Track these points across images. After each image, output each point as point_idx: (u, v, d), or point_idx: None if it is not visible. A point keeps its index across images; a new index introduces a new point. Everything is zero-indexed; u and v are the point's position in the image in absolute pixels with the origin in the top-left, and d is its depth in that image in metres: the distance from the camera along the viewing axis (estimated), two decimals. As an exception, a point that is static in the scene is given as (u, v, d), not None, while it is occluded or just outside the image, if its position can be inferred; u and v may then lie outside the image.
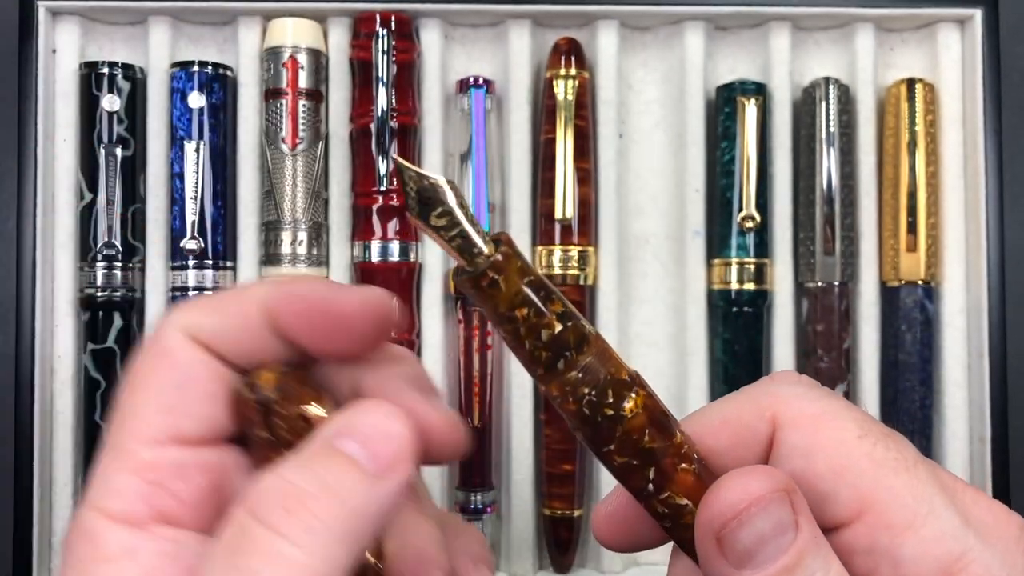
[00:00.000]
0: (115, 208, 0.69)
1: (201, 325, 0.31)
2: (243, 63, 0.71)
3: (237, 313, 0.31)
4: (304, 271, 0.70)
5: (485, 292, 0.29)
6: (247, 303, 0.31)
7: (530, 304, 0.29)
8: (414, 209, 0.29)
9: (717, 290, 0.72)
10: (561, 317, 0.29)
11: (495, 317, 0.29)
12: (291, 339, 0.31)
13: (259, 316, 0.31)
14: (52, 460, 0.69)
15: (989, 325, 0.69)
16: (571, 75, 0.71)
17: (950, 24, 0.73)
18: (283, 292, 0.31)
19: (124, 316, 0.69)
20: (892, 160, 0.72)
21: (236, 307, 0.31)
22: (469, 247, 0.29)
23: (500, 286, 0.29)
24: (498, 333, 0.30)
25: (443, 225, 0.28)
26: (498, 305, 0.29)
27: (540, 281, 0.29)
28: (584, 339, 0.30)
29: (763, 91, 0.72)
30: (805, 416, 0.31)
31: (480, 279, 0.28)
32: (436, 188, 0.29)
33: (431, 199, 0.28)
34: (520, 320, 0.29)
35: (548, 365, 0.29)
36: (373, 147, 0.69)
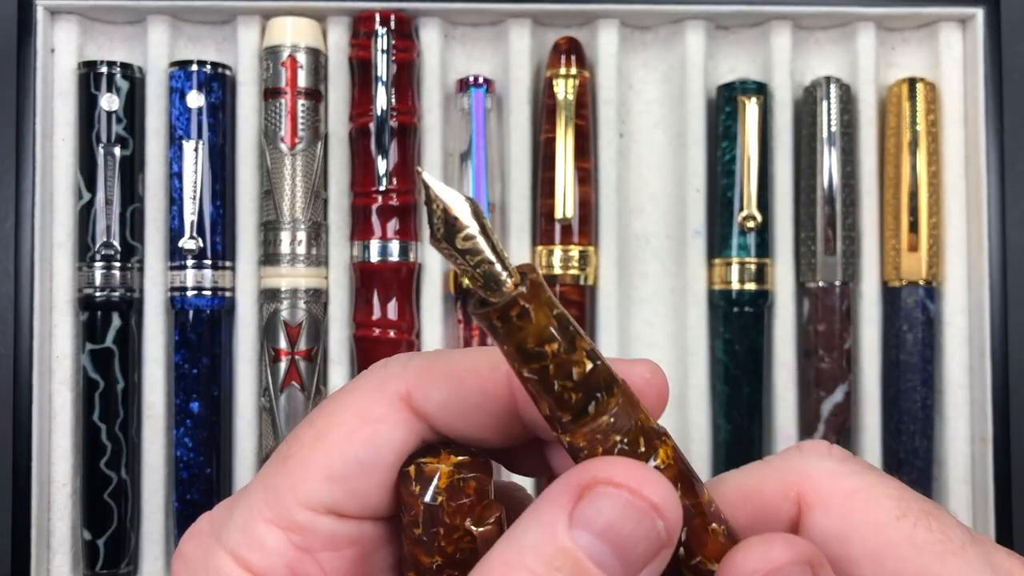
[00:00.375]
0: (114, 208, 0.69)
1: (429, 396, 0.28)
2: (242, 62, 0.71)
3: (477, 390, 0.28)
4: (303, 271, 0.69)
5: (513, 325, 0.26)
6: (493, 380, 0.28)
7: (561, 338, 0.26)
8: (439, 231, 0.26)
9: (718, 290, 0.71)
10: (590, 355, 0.26)
11: (521, 355, 0.26)
12: (533, 427, 0.28)
13: (504, 397, 0.27)
14: (51, 460, 0.69)
15: (991, 325, 0.69)
16: (571, 74, 0.70)
17: (951, 23, 0.73)
18: None
19: (123, 316, 0.69)
20: (893, 160, 0.72)
21: (477, 381, 0.28)
22: (495, 276, 0.26)
23: (531, 317, 0.26)
24: (521, 374, 0.26)
25: (469, 249, 0.26)
26: (527, 340, 0.26)
27: (567, 315, 0.27)
28: (613, 381, 0.27)
29: (764, 90, 0.72)
30: (837, 495, 0.28)
31: (509, 309, 0.26)
32: (463, 209, 0.26)
33: (457, 221, 0.26)
34: (550, 356, 0.26)
35: (578, 410, 0.26)
36: (372, 147, 0.69)
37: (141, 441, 0.69)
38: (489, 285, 0.26)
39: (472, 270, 0.26)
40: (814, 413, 0.71)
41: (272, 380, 0.69)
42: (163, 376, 0.70)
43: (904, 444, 0.71)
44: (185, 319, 0.69)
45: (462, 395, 0.28)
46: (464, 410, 0.28)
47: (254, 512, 0.28)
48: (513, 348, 0.26)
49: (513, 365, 0.27)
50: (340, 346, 0.70)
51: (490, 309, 0.26)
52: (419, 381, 0.28)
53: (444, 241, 0.26)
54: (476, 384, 0.28)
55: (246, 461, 0.70)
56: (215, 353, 0.69)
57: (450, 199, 0.26)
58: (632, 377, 0.28)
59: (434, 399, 0.28)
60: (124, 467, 0.69)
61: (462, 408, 0.28)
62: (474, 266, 0.26)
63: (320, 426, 0.28)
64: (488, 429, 0.28)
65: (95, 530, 0.68)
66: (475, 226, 0.26)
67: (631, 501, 0.24)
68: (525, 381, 0.26)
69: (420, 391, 0.28)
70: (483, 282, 0.26)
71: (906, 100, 0.71)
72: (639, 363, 0.29)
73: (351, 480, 0.27)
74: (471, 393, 0.28)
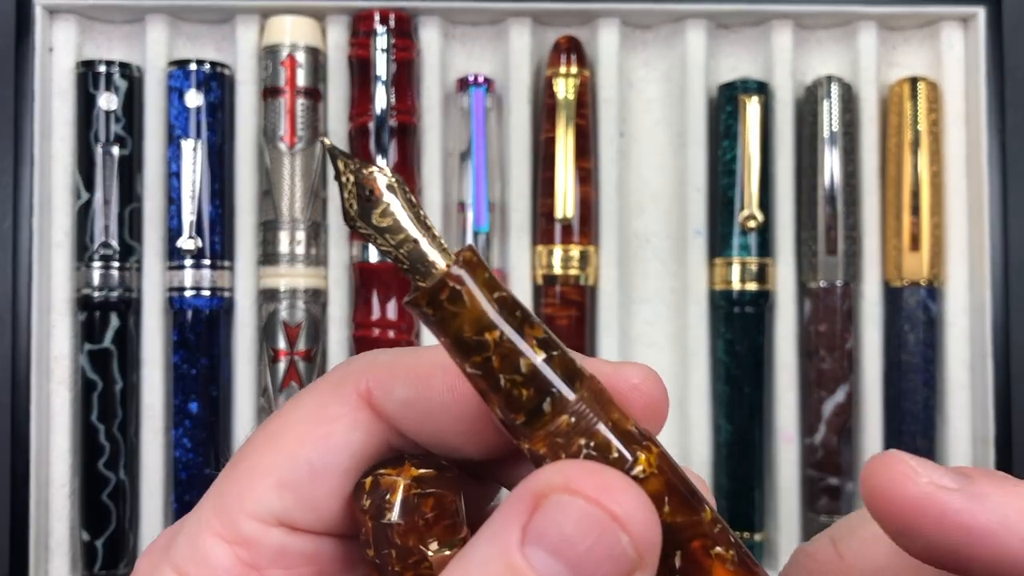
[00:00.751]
0: (112, 207, 0.69)
1: (391, 393, 0.25)
2: (241, 61, 0.70)
3: (446, 389, 0.25)
4: (302, 271, 0.69)
5: (445, 310, 0.23)
6: (464, 378, 0.24)
7: (503, 324, 0.23)
8: (351, 207, 0.23)
9: (719, 290, 0.71)
10: (543, 344, 0.23)
11: (460, 346, 0.23)
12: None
13: (476, 397, 0.24)
14: (49, 461, 0.68)
15: (993, 325, 0.69)
16: (572, 73, 0.70)
17: (953, 22, 0.72)
18: None
19: (121, 316, 0.69)
20: (895, 159, 0.71)
21: (446, 379, 0.25)
22: (421, 256, 0.23)
23: (464, 300, 0.22)
24: (465, 371, 0.23)
25: (388, 227, 0.23)
26: (463, 327, 0.23)
27: (513, 299, 0.23)
28: (575, 374, 0.23)
29: (765, 90, 0.71)
30: None
31: (439, 291, 0.22)
32: (376, 180, 0.23)
33: (372, 195, 0.23)
34: (492, 346, 0.22)
35: (531, 409, 0.22)
36: (372, 146, 0.69)
37: (139, 442, 0.69)
38: (416, 268, 0.23)
39: (395, 251, 0.23)
40: (815, 414, 0.71)
41: (271, 380, 0.69)
42: (162, 376, 0.69)
43: (906, 445, 0.71)
44: (184, 319, 0.69)
45: (428, 394, 0.25)
46: (430, 411, 0.25)
47: (202, 524, 0.25)
48: (450, 339, 0.23)
49: (456, 361, 0.23)
50: (339, 346, 0.70)
51: (417, 294, 0.23)
52: (381, 377, 0.25)
53: (359, 219, 0.23)
54: (444, 382, 0.25)
55: (245, 462, 0.69)
56: (214, 353, 0.69)
57: (362, 170, 0.23)
58: (617, 383, 0.25)
59: (397, 397, 0.25)
60: (122, 468, 0.68)
61: (428, 409, 0.25)
62: (396, 246, 0.23)
63: (273, 428, 0.26)
64: (460, 435, 0.25)
65: (93, 531, 0.68)
66: (394, 200, 0.23)
67: (588, 511, 0.20)
68: (471, 379, 0.23)
69: (382, 388, 0.25)
70: (409, 264, 0.23)
71: (907, 99, 0.71)
72: (628, 366, 0.25)
73: (303, 487, 0.25)
74: (438, 392, 0.25)
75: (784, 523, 0.70)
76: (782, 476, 0.71)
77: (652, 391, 0.25)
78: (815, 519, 0.71)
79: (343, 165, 0.23)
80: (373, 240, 0.23)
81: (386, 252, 0.23)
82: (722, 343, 0.71)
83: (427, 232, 0.23)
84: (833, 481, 0.70)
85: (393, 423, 0.25)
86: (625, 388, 0.25)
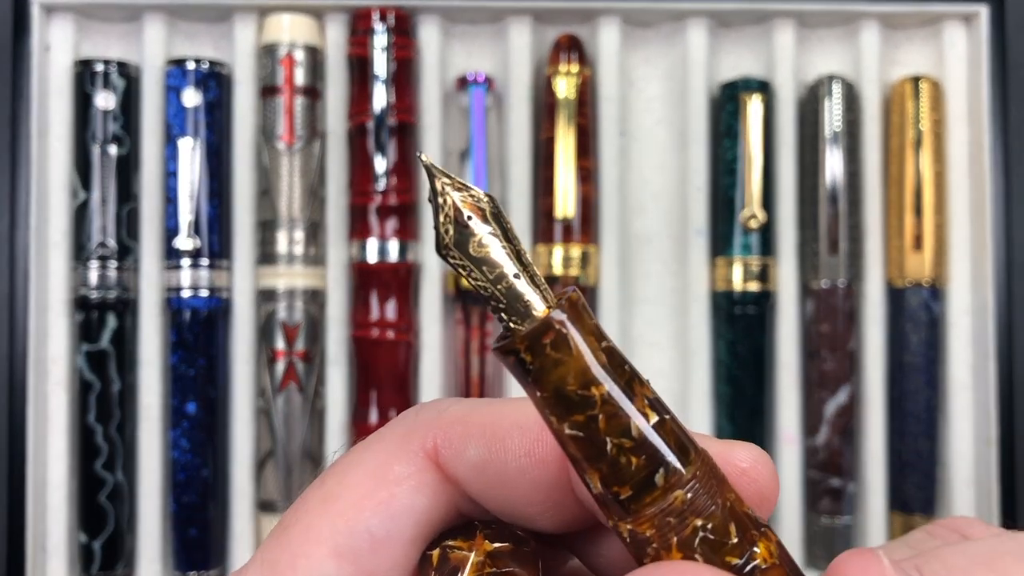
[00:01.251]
0: (109, 207, 0.68)
1: (462, 454, 0.22)
2: (239, 60, 0.70)
3: (523, 452, 0.22)
4: (300, 271, 0.69)
5: (547, 358, 0.19)
6: (543, 442, 0.22)
7: (612, 379, 0.20)
8: (447, 233, 0.20)
9: (720, 290, 0.71)
10: (655, 406, 0.20)
11: (560, 402, 0.20)
12: (593, 508, 0.22)
13: (556, 464, 0.22)
14: (46, 462, 0.68)
15: (995, 326, 0.68)
16: (572, 72, 0.70)
17: (956, 21, 0.72)
18: None
19: (119, 317, 0.68)
20: (897, 158, 0.71)
21: (523, 441, 0.22)
22: (519, 295, 0.20)
23: (570, 347, 0.19)
24: (560, 432, 0.20)
25: (485, 259, 0.20)
26: (566, 379, 0.19)
27: (617, 350, 0.20)
28: (689, 444, 0.20)
29: (767, 88, 0.71)
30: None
31: (541, 336, 0.19)
32: (480, 205, 0.20)
33: (471, 221, 0.20)
34: (598, 402, 0.19)
35: (640, 480, 0.19)
36: (371, 145, 0.68)
37: (137, 443, 0.69)
38: (513, 307, 0.20)
39: (491, 286, 0.20)
40: (817, 415, 0.70)
41: (270, 381, 0.69)
42: (159, 377, 0.69)
43: (908, 446, 0.70)
44: (181, 319, 0.68)
45: (503, 456, 0.22)
46: (504, 476, 0.22)
47: None
48: (549, 393, 0.20)
49: (549, 419, 0.20)
50: (338, 347, 0.69)
51: (515, 337, 0.20)
52: (451, 434, 0.23)
53: (455, 248, 0.20)
54: (521, 444, 0.22)
55: (243, 463, 0.69)
56: (212, 354, 0.69)
57: (465, 192, 0.20)
58: (724, 465, 0.21)
59: (468, 459, 0.22)
60: (120, 469, 0.68)
61: (501, 473, 0.22)
62: (493, 281, 0.20)
63: (329, 487, 0.23)
64: (535, 504, 0.23)
65: (91, 532, 0.68)
66: (496, 230, 0.20)
67: None
68: (568, 442, 0.20)
69: (451, 447, 0.22)
70: (506, 303, 0.20)
71: (910, 98, 0.71)
72: (738, 447, 0.22)
73: (362, 558, 0.22)
74: (514, 455, 0.22)
75: (786, 524, 0.70)
76: (784, 477, 0.70)
77: (762, 476, 0.22)
78: (817, 520, 0.70)
79: (441, 185, 0.20)
80: (467, 272, 0.20)
81: (480, 286, 0.20)
82: (723, 343, 0.71)
83: (526, 269, 0.20)
84: (835, 482, 0.70)
85: (462, 486, 0.23)
86: (733, 473, 0.22)
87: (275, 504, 0.69)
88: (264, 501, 0.69)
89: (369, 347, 0.68)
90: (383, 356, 0.68)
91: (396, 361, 0.69)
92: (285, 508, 0.68)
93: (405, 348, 0.68)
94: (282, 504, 0.68)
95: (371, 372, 0.69)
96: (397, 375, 0.69)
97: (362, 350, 0.69)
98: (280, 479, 0.68)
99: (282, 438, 0.68)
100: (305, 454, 0.69)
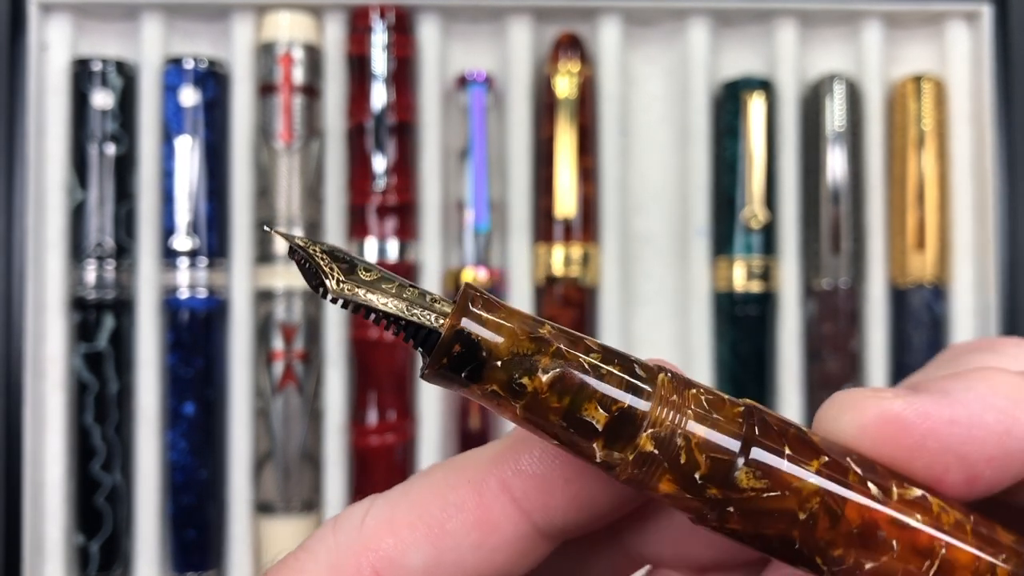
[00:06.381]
0: (107, 206, 0.68)
1: (409, 566, 0.22)
2: (237, 58, 0.70)
3: (472, 526, 0.22)
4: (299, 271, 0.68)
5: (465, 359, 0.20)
6: None
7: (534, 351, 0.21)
8: (333, 272, 0.21)
9: (722, 290, 0.70)
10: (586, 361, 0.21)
11: (507, 392, 0.20)
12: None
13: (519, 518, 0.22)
14: (43, 463, 0.68)
15: (999, 327, 0.68)
16: (573, 71, 0.69)
17: (958, 19, 0.72)
18: None
19: (116, 317, 0.68)
20: (900, 157, 0.71)
21: (466, 519, 0.22)
22: (424, 294, 0.21)
23: (480, 346, 0.20)
24: (521, 418, 0.21)
25: (381, 277, 0.21)
26: (496, 373, 0.20)
27: (529, 323, 0.21)
28: (640, 373, 0.21)
29: (768, 87, 0.71)
30: None
31: (449, 348, 0.20)
32: (339, 247, 0.21)
33: (347, 257, 0.21)
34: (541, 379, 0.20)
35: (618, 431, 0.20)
36: (370, 144, 0.68)
37: (134, 444, 0.68)
38: (431, 307, 0.20)
39: (400, 300, 0.20)
40: (819, 415, 0.70)
41: (268, 382, 0.68)
42: (157, 378, 0.68)
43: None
44: (179, 320, 0.68)
45: (454, 542, 0.22)
46: (462, 561, 0.22)
47: None
48: (494, 387, 0.20)
49: (516, 416, 0.21)
50: (337, 348, 0.69)
51: (435, 358, 0.20)
52: (383, 551, 0.22)
53: (347, 280, 0.20)
54: (465, 520, 0.22)
55: (241, 464, 0.68)
56: (209, 354, 0.68)
57: (323, 242, 0.21)
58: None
59: (415, 568, 0.22)
60: (117, 470, 0.68)
61: (458, 560, 0.22)
62: (396, 293, 0.20)
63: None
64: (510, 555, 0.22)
65: (88, 534, 0.67)
66: (365, 259, 0.21)
67: None
68: (555, 434, 0.21)
69: (391, 566, 0.22)
70: (419, 307, 0.20)
71: (912, 97, 0.70)
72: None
73: None
74: (464, 535, 0.22)
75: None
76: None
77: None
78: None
79: (300, 241, 0.21)
80: (368, 306, 0.20)
81: (387, 311, 0.20)
82: (725, 344, 0.70)
83: (410, 284, 0.21)
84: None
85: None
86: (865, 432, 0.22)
87: (273, 505, 0.68)
88: (262, 502, 0.68)
89: (368, 348, 0.68)
90: (382, 357, 0.68)
91: (395, 362, 0.68)
92: (283, 509, 0.67)
93: (404, 349, 0.68)
94: (280, 505, 0.68)
95: (370, 373, 0.68)
96: (396, 376, 0.68)
97: (361, 351, 0.68)
98: (278, 480, 0.68)
99: (280, 439, 0.68)
100: (303, 455, 0.68)
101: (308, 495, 0.68)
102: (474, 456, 0.22)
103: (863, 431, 0.21)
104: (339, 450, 0.69)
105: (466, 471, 0.22)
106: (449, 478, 0.22)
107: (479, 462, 0.22)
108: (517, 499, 0.22)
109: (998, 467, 0.21)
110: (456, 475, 0.22)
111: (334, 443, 0.69)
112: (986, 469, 0.21)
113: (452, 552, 0.22)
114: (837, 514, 0.20)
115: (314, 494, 0.69)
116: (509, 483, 0.22)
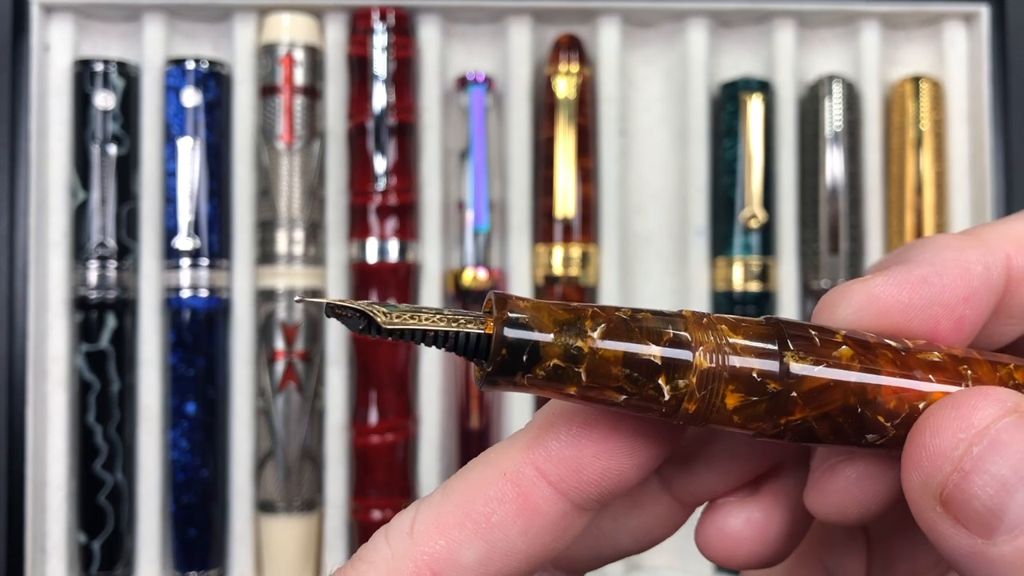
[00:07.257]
0: (109, 207, 0.68)
1: (463, 564, 0.23)
2: (238, 60, 0.70)
3: (517, 513, 0.24)
4: (300, 270, 0.69)
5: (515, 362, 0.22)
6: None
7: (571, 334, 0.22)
8: (376, 312, 0.22)
9: (720, 290, 0.71)
10: (615, 326, 0.22)
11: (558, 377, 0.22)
12: None
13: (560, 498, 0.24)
14: (45, 462, 0.68)
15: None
16: (572, 72, 0.70)
17: (956, 20, 0.72)
18: None
19: (118, 317, 0.68)
20: (898, 158, 0.71)
21: (511, 507, 0.24)
22: (460, 313, 0.22)
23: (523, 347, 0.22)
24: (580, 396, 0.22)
25: (418, 310, 0.22)
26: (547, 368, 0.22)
27: (557, 308, 0.23)
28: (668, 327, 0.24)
29: (767, 88, 0.71)
30: None
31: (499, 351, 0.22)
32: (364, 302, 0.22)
33: (375, 304, 0.22)
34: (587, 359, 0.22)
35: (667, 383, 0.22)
36: (371, 145, 0.68)
37: (136, 443, 0.69)
38: (474, 319, 0.22)
39: (441, 315, 0.22)
40: (817, 414, 0.70)
41: (269, 381, 0.68)
42: (159, 377, 0.69)
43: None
44: (181, 319, 0.68)
45: (503, 533, 0.24)
46: (511, 548, 0.24)
47: None
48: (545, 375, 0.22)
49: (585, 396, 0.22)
50: (338, 347, 0.69)
51: (489, 368, 0.22)
52: (438, 553, 0.23)
53: (394, 316, 0.22)
54: (509, 509, 0.24)
55: (242, 464, 0.69)
56: (211, 354, 0.69)
57: (359, 302, 0.22)
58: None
59: (468, 565, 0.24)
60: (119, 469, 0.68)
61: (508, 550, 0.24)
62: (435, 312, 0.22)
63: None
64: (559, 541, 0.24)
65: (90, 533, 0.68)
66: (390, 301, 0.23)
67: None
68: (616, 405, 0.23)
69: (446, 566, 0.24)
70: (462, 320, 0.22)
71: (910, 98, 0.71)
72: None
73: None
74: (513, 523, 0.24)
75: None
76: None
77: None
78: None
79: (336, 302, 0.22)
80: (418, 329, 0.22)
81: (437, 329, 0.22)
82: (724, 343, 0.70)
83: (440, 311, 0.22)
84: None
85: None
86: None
87: (274, 504, 0.68)
88: (263, 501, 0.69)
89: (369, 347, 0.68)
90: (383, 356, 0.68)
91: (396, 361, 0.68)
92: (284, 508, 0.68)
93: (405, 348, 0.68)
94: (281, 504, 0.68)
95: (371, 372, 0.68)
96: (397, 375, 0.69)
97: (362, 350, 0.69)
98: (279, 479, 0.68)
99: (282, 438, 0.68)
100: (305, 454, 0.69)
101: (309, 494, 0.69)
102: (505, 449, 0.24)
103: (860, 313, 0.24)
104: (340, 449, 0.69)
105: (500, 464, 0.24)
106: (486, 474, 0.24)
107: (511, 454, 0.24)
108: (553, 482, 0.23)
109: (972, 303, 0.24)
110: (492, 470, 0.24)
111: (335, 442, 0.69)
112: (965, 308, 0.24)
113: (502, 542, 0.23)
114: (876, 370, 0.23)
115: (315, 493, 0.69)
116: (543, 468, 0.23)
